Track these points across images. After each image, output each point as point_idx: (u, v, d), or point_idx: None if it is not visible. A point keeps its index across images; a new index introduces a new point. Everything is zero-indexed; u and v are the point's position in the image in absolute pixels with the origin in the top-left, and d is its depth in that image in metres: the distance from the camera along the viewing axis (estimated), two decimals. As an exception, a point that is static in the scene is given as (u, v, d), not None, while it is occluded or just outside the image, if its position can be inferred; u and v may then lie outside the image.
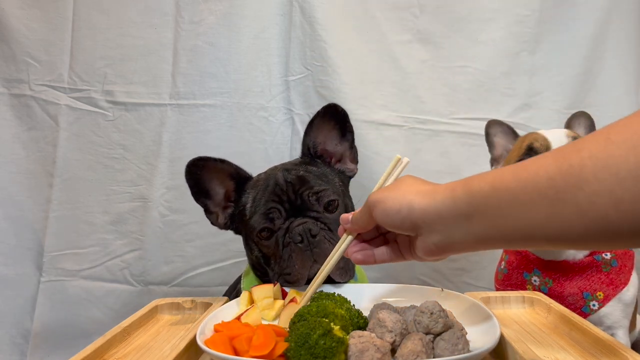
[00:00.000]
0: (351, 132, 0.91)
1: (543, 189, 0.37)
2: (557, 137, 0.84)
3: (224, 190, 0.84)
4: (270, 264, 0.77)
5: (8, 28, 1.22)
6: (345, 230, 0.60)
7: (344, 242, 0.60)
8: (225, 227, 0.85)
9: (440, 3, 1.25)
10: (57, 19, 1.23)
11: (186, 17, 1.24)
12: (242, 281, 0.87)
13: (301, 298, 0.65)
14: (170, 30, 1.25)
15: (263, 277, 0.82)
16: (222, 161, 0.82)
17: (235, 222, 0.84)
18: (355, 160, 0.90)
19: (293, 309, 0.61)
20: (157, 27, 1.24)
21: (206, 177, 0.81)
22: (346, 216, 0.59)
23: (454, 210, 0.44)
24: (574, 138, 0.83)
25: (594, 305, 0.83)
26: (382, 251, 0.58)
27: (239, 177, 0.83)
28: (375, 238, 0.60)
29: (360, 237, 0.60)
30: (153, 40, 1.25)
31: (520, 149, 0.88)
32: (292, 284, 0.73)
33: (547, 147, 0.84)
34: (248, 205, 0.79)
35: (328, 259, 0.64)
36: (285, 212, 0.75)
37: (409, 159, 0.61)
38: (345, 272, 0.75)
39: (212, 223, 0.84)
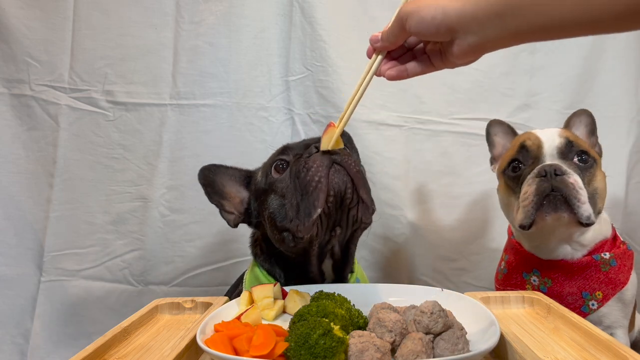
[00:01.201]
0: (356, 152, 0.93)
1: None
2: (549, 135, 0.85)
3: (239, 197, 0.87)
4: (287, 214, 0.72)
5: (8, 28, 1.22)
6: (374, 51, 0.62)
7: (375, 62, 0.62)
8: (241, 221, 0.87)
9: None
10: (57, 19, 1.23)
11: (186, 17, 1.24)
12: (244, 281, 0.87)
13: (338, 129, 0.67)
14: (170, 30, 1.25)
15: (274, 251, 0.81)
16: (233, 168, 0.87)
17: (250, 207, 0.84)
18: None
19: (332, 134, 0.67)
20: (158, 27, 1.24)
21: (219, 182, 0.85)
22: (375, 35, 0.60)
23: (488, 10, 0.47)
24: (566, 138, 0.83)
25: (593, 304, 0.83)
26: (413, 65, 0.61)
27: (250, 181, 0.86)
28: (404, 55, 0.62)
29: (389, 56, 0.62)
30: (153, 40, 1.25)
31: (514, 147, 0.88)
32: (313, 203, 0.68)
33: (538, 146, 0.84)
34: (260, 173, 0.83)
35: (359, 81, 0.64)
36: (300, 150, 0.77)
37: None
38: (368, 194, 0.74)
39: (227, 222, 0.86)
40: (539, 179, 0.79)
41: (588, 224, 0.78)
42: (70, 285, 1.26)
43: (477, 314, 0.60)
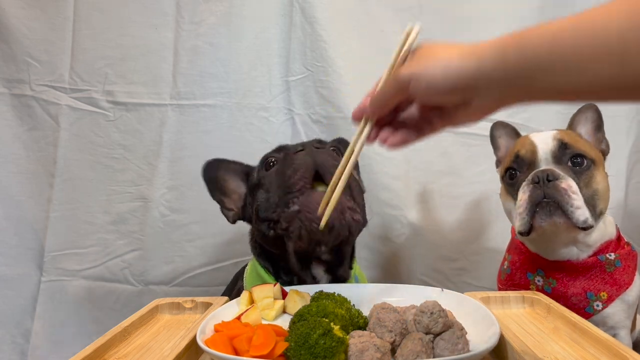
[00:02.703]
0: (357, 167, 0.94)
1: (610, 44, 0.34)
2: (543, 139, 0.84)
3: (238, 192, 0.89)
4: (269, 206, 0.75)
5: (8, 28, 1.22)
6: (362, 118, 0.57)
7: (365, 129, 0.56)
8: (238, 218, 0.88)
9: (440, 3, 1.25)
10: (57, 19, 1.23)
11: (186, 18, 1.24)
12: (244, 275, 0.88)
13: (327, 207, 0.59)
14: (170, 30, 1.25)
15: (266, 253, 0.83)
16: (235, 162, 0.89)
17: (246, 203, 0.86)
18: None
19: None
20: (158, 27, 1.24)
21: (221, 176, 0.88)
22: (365, 100, 0.55)
23: (505, 73, 0.42)
24: (560, 140, 0.83)
25: (597, 305, 0.82)
26: (409, 132, 0.55)
27: (249, 176, 0.87)
28: (393, 121, 0.56)
29: (379, 123, 0.56)
30: (153, 41, 1.25)
31: (511, 155, 0.88)
32: (293, 193, 0.71)
33: (532, 152, 0.84)
34: (257, 168, 0.85)
35: (348, 151, 0.59)
36: (293, 149, 0.79)
37: (419, 26, 0.54)
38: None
39: (226, 218, 0.88)
40: (532, 186, 0.79)
41: (585, 228, 0.78)
42: (71, 285, 1.26)
43: (477, 314, 0.60)
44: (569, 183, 0.77)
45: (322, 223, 0.60)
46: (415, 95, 0.49)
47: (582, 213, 0.76)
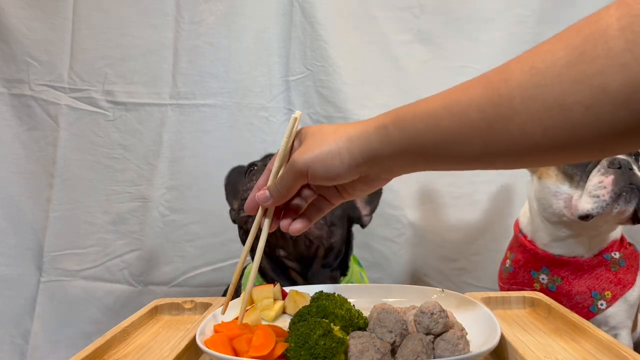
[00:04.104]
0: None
1: (475, 122, 0.39)
2: None
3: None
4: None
5: (8, 28, 1.22)
6: (256, 209, 0.56)
7: (265, 222, 0.56)
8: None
9: (440, 3, 1.25)
10: (57, 19, 1.23)
11: (186, 17, 1.24)
12: (242, 281, 0.88)
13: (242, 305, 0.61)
14: (170, 30, 1.25)
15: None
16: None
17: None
18: (371, 210, 0.93)
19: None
20: (158, 27, 1.24)
21: (241, 183, 0.89)
22: (262, 192, 0.54)
23: (392, 148, 0.45)
24: None
25: (601, 304, 0.83)
26: (309, 212, 0.57)
27: None
28: (288, 205, 0.56)
29: (277, 211, 0.57)
30: (153, 40, 1.24)
31: None
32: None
33: None
34: None
35: (248, 240, 0.59)
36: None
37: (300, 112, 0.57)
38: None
39: (231, 218, 0.91)
40: (613, 170, 0.78)
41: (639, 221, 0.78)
42: (70, 286, 1.25)
43: (478, 315, 0.60)
44: None
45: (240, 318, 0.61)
46: (315, 182, 0.51)
47: None
